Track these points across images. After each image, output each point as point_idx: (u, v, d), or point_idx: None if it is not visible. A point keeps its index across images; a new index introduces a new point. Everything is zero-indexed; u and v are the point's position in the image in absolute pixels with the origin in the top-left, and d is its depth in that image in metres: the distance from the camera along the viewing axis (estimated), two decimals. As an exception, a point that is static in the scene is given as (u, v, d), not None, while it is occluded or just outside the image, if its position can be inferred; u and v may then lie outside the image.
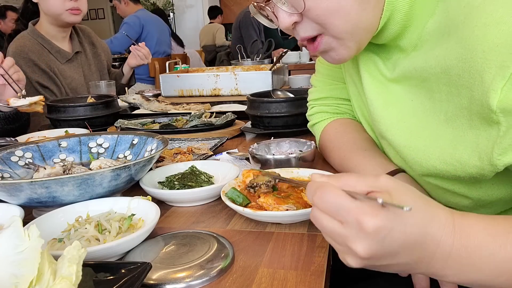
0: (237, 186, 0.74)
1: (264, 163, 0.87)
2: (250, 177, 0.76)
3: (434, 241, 0.46)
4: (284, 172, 0.79)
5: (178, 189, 0.78)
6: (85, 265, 0.44)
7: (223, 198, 0.70)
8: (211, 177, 0.84)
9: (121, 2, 3.80)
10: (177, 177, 0.82)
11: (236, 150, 1.02)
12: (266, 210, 0.66)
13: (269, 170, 0.78)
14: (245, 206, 0.68)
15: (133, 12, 3.79)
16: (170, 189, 0.79)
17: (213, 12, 6.72)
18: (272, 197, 0.68)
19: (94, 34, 2.06)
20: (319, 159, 0.96)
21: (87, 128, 1.28)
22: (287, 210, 0.65)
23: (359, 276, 0.82)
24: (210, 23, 6.65)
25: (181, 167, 0.87)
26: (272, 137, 1.01)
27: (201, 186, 0.78)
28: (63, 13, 1.73)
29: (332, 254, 0.62)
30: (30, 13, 1.87)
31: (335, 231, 0.45)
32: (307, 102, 1.02)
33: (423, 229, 0.45)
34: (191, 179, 0.81)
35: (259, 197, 0.69)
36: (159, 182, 0.82)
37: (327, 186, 0.46)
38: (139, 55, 2.06)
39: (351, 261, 0.46)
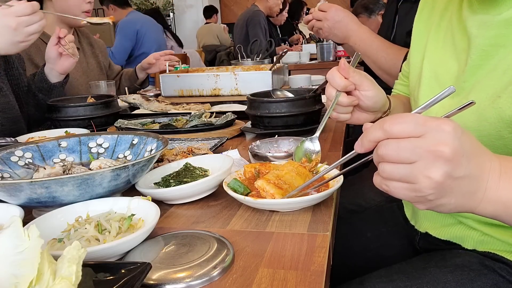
0: (238, 178, 0.77)
1: (263, 161, 0.88)
2: (252, 171, 0.78)
3: (487, 156, 0.53)
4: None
5: (174, 186, 0.78)
6: (85, 265, 0.43)
7: (225, 187, 0.72)
8: (206, 171, 0.84)
9: (109, 9, 3.82)
10: (172, 176, 0.81)
11: (236, 151, 1.02)
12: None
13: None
14: (246, 195, 0.71)
15: (123, 16, 3.78)
16: (166, 187, 0.79)
17: (209, 12, 6.73)
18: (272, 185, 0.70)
19: (91, 35, 2.07)
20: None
21: (92, 127, 1.28)
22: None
23: (357, 275, 0.83)
24: (207, 23, 6.66)
25: (175, 166, 0.86)
26: (277, 135, 1.04)
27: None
28: (80, 14, 1.75)
29: (332, 254, 0.62)
30: None
31: (416, 145, 0.48)
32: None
33: (480, 146, 0.53)
34: (185, 175, 0.81)
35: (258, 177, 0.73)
36: (155, 183, 0.82)
37: (396, 115, 0.51)
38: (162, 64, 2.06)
39: (435, 171, 0.48)
